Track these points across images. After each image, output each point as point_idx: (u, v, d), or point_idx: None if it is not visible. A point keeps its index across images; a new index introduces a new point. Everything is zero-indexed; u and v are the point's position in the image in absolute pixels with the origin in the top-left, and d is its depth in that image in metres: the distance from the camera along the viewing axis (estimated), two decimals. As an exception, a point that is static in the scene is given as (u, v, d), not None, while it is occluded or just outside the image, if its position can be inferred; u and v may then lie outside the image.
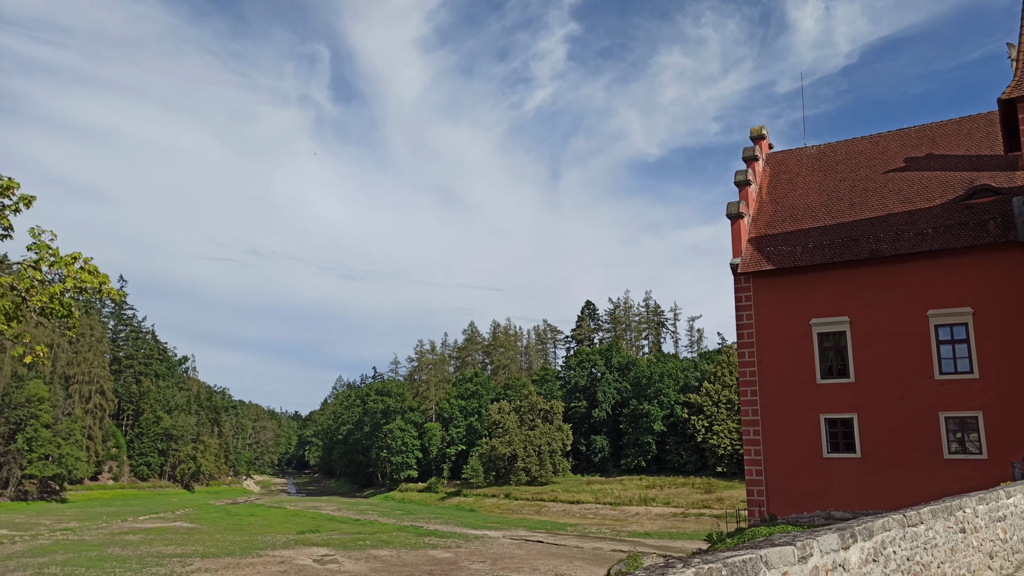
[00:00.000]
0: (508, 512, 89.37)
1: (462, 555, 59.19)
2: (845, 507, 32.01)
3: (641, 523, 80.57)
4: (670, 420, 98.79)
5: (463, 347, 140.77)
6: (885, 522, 7.44)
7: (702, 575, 4.80)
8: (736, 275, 36.38)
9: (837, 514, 32.05)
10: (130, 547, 57.47)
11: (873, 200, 35.49)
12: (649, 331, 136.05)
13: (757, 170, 40.09)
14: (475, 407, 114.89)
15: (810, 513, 32.90)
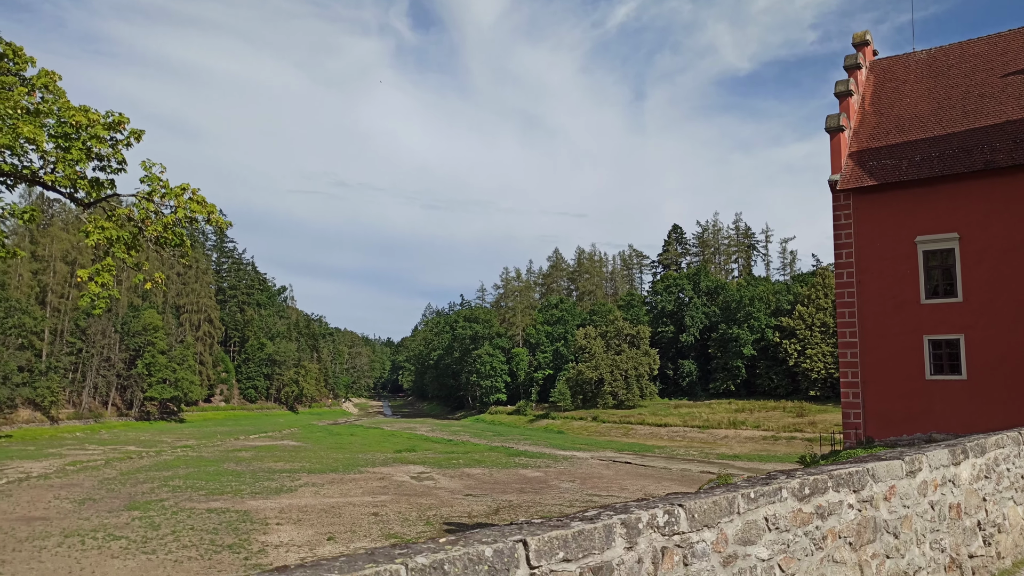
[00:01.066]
0: (596, 434, 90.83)
1: (551, 474, 60.81)
2: (947, 430, 30.92)
3: (730, 446, 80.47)
4: (760, 344, 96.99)
5: (548, 274, 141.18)
6: (999, 439, 7.15)
7: (807, 484, 4.76)
8: (835, 192, 34.69)
9: (939, 436, 31.03)
10: (243, 463, 61.96)
11: (989, 107, 32.78)
12: (739, 254, 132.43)
13: (860, 79, 37.58)
14: (561, 333, 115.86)
15: (909, 436, 31.99)
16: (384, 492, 49.69)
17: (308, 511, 42.25)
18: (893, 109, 36.01)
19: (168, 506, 41.60)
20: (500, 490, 52.37)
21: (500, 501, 45.67)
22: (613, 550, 3.57)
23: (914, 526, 5.66)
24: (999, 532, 6.83)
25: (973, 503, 6.49)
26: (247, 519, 39.30)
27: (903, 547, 5.49)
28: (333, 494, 47.91)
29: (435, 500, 46.55)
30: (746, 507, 4.28)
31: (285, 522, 38.83)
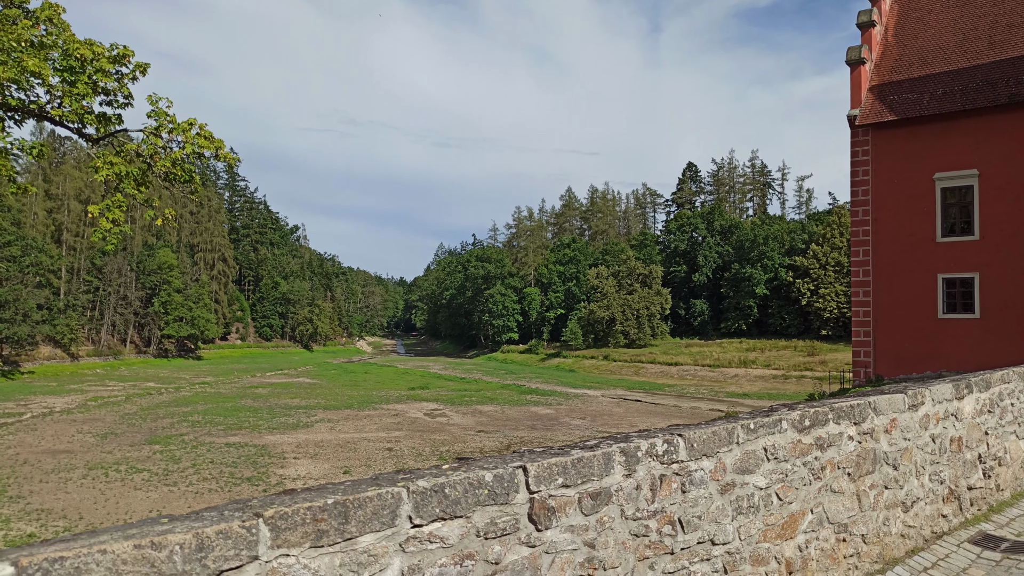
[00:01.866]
0: (607, 373, 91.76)
1: (562, 412, 61.71)
2: (958, 368, 30.98)
3: (740, 384, 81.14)
4: (773, 284, 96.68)
5: (560, 213, 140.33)
6: (1004, 374, 7.15)
7: (807, 416, 4.81)
8: (853, 127, 33.97)
9: (948, 375, 31.16)
10: (260, 399, 63.28)
11: (1018, 37, 31.70)
12: (754, 193, 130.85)
13: (883, 9, 36.34)
14: (573, 272, 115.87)
15: (919, 374, 32.10)
16: (398, 428, 50.71)
17: (324, 446, 43.27)
18: (917, 40, 34.92)
19: (188, 440, 42.72)
20: (512, 427, 53.33)
21: (512, 437, 46.54)
22: (612, 477, 3.64)
23: (914, 458, 5.72)
24: (1000, 465, 6.90)
25: (975, 437, 6.54)
26: (265, 453, 40.33)
27: (902, 478, 5.57)
28: (348, 430, 48.97)
29: (448, 436, 47.49)
30: (745, 437, 4.33)
31: (302, 456, 39.83)
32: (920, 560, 5.47)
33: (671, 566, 3.84)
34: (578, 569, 3.45)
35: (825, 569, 4.82)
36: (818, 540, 4.77)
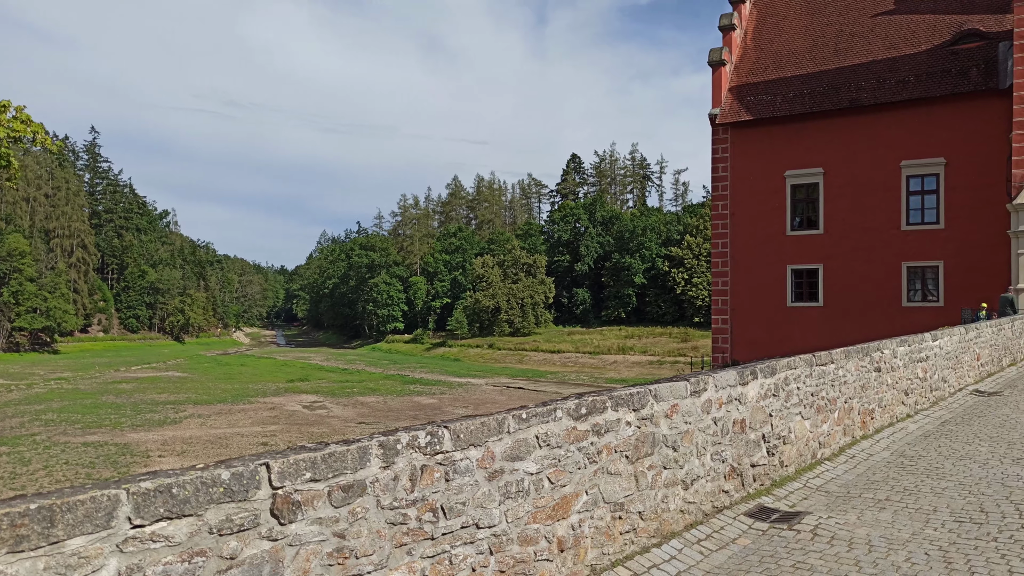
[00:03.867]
0: (491, 361, 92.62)
1: (446, 401, 61.86)
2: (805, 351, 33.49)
3: (619, 370, 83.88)
4: (651, 273, 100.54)
5: (447, 202, 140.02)
6: (791, 361, 7.85)
7: (584, 405, 5.12)
8: (714, 126, 35.82)
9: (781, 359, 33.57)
10: (124, 395, 59.66)
11: (859, 46, 34.38)
12: (635, 185, 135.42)
13: (744, 14, 38.43)
14: (459, 261, 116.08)
15: (770, 358, 34.46)
16: (275, 422, 49.25)
17: (193, 442, 41.43)
18: (772, 45, 37.17)
19: (40, 441, 39.79)
20: (393, 417, 52.97)
21: (393, 428, 46.23)
22: (368, 469, 3.78)
23: (695, 440, 6.21)
24: (784, 444, 7.58)
25: (759, 419, 7.15)
26: (127, 452, 38.17)
27: (682, 459, 6.03)
28: (220, 425, 47.07)
29: (327, 429, 46.59)
30: (516, 427, 4.58)
31: (168, 454, 37.98)
32: (696, 533, 5.95)
33: (431, 550, 4.03)
34: (326, 559, 3.57)
35: (600, 545, 5.17)
36: (592, 519, 5.11)
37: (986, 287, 28.81)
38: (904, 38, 33.20)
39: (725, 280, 35.54)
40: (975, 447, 9.07)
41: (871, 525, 6.18)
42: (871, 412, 9.84)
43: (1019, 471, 7.84)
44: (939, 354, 12.59)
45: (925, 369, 11.87)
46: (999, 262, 28.40)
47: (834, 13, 36.56)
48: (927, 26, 33.04)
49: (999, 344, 16.81)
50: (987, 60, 30.08)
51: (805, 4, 37.89)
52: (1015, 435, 9.74)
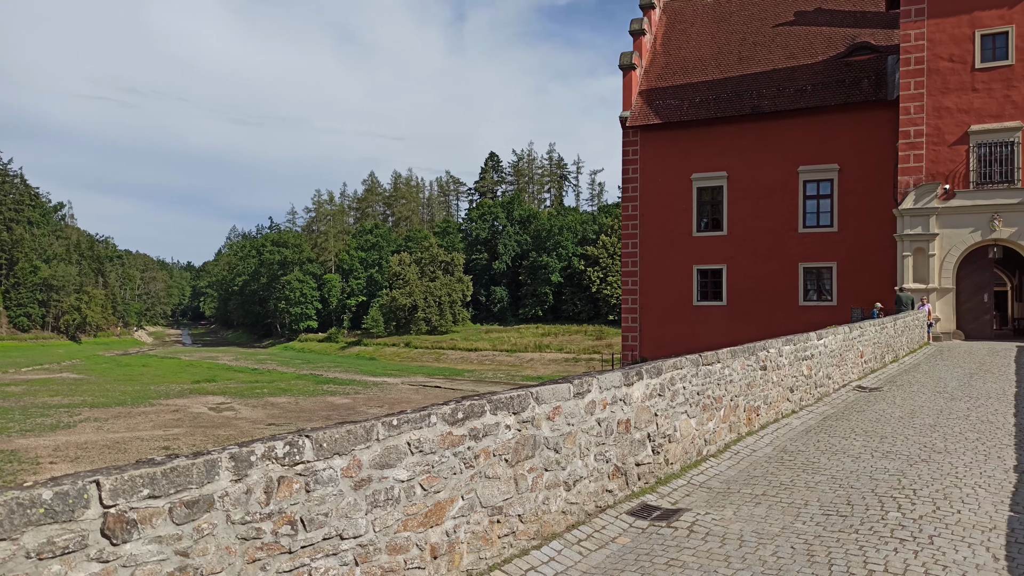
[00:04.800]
0: (408, 360, 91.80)
1: (360, 400, 60.86)
2: (710, 348, 34.62)
3: (535, 368, 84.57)
4: (567, 271, 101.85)
5: (363, 198, 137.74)
6: (677, 361, 8.03)
7: (461, 410, 5.07)
8: (625, 128, 36.54)
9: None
10: (12, 398, 56.00)
11: (761, 54, 35.74)
12: (552, 184, 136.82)
13: (654, 19, 39.33)
14: (375, 259, 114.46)
15: (676, 356, 35.47)
16: (178, 425, 47.23)
17: (88, 448, 39.25)
18: (681, 51, 38.20)
19: (-88, 450, 36.88)
20: (305, 418, 51.69)
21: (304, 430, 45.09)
22: (216, 483, 3.60)
23: (578, 441, 6.25)
24: (669, 442, 7.75)
25: (644, 418, 7.28)
26: (15, 459, 35.80)
27: (564, 460, 6.07)
28: (119, 428, 44.78)
29: (234, 431, 45.00)
30: (386, 434, 4.48)
31: (60, 460, 35.82)
32: (578, 533, 5.99)
33: (288, 564, 3.89)
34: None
35: (477, 550, 5.13)
36: (469, 524, 5.06)
37: (876, 287, 30.50)
38: (802, 49, 34.73)
39: (635, 279, 36.33)
40: (850, 441, 9.54)
41: (745, 520, 6.38)
42: (757, 409, 10.20)
43: (886, 464, 8.28)
44: (824, 352, 13.20)
45: (810, 367, 12.42)
46: (887, 263, 30.11)
47: (738, 22, 37.90)
48: (823, 38, 34.67)
49: (882, 342, 17.79)
50: (877, 72, 31.82)
51: (712, 12, 39.12)
52: (887, 429, 10.30)
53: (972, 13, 27.19)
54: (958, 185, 27.29)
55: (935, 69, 27.68)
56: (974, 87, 27.20)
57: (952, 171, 27.36)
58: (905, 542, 5.70)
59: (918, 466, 8.16)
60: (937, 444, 9.28)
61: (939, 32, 27.58)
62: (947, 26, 27.48)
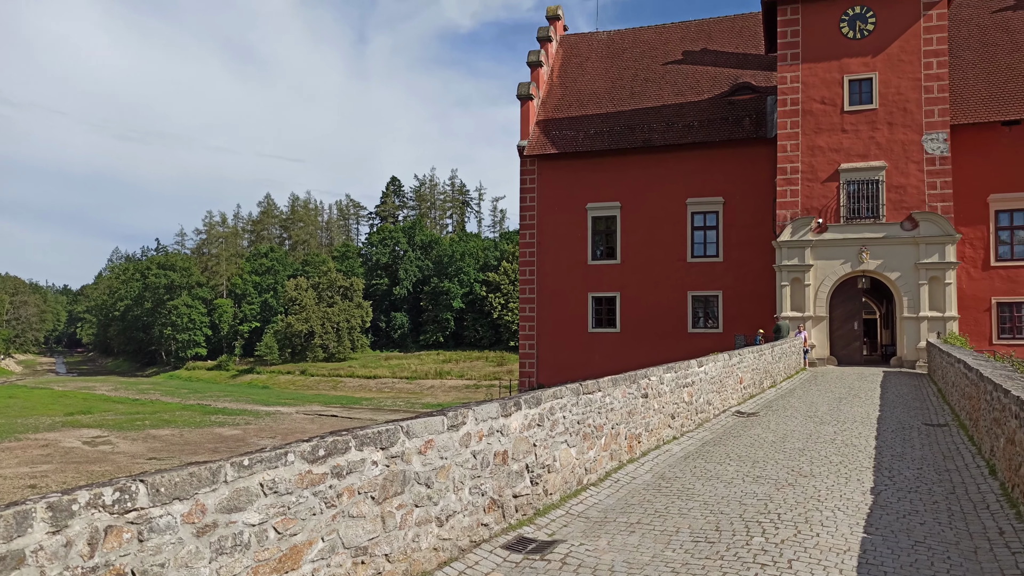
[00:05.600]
0: (303, 388, 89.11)
1: (251, 432, 58.36)
2: (604, 374, 35.31)
3: (435, 395, 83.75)
4: (469, 297, 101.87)
5: (258, 220, 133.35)
6: (557, 391, 8.06)
7: (322, 447, 4.86)
8: (522, 157, 37.11)
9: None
10: None
11: (651, 90, 37.21)
12: (454, 210, 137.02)
13: (550, 52, 40.32)
14: (271, 283, 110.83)
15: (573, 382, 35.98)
16: (47, 460, 43.74)
17: (-65, 490, 35.72)
18: (576, 83, 39.29)
19: None
20: (190, 451, 48.98)
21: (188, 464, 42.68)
22: (30, 536, 3.26)
23: (452, 475, 6.13)
24: (549, 472, 7.74)
25: (522, 449, 7.25)
26: None
27: (437, 495, 5.93)
28: (-25, 467, 41.04)
29: (111, 467, 42.09)
30: (236, 475, 4.22)
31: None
32: (450, 570, 5.85)
33: (115, 624, 3.56)
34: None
35: (338, 595, 4.90)
36: (329, 567, 4.83)
37: (759, 314, 32.01)
38: (690, 86, 36.42)
39: (532, 306, 36.70)
40: (725, 467, 9.85)
41: (618, 550, 6.41)
42: (638, 436, 10.39)
43: (756, 489, 8.58)
44: (704, 379, 13.65)
45: (691, 393, 12.80)
46: (769, 292, 31.70)
47: (631, 59, 39.40)
48: (709, 77, 36.50)
49: (760, 368, 18.62)
50: (758, 111, 33.73)
51: (606, 48, 40.51)
52: (760, 454, 10.71)
53: (841, 60, 29.33)
54: (830, 219, 29.15)
55: (809, 110, 29.61)
56: (843, 128, 29.25)
57: (825, 206, 29.22)
58: (766, 567, 5.88)
59: (784, 490, 8.50)
60: (804, 468, 9.71)
61: (812, 76, 29.57)
62: (819, 71, 29.51)
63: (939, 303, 27.65)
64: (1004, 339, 29.77)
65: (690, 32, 39.24)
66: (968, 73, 31.44)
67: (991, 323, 29.98)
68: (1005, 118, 29.82)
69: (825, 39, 29.42)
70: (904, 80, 28.51)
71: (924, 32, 28.34)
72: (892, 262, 28.19)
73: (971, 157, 29.87)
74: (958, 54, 32.03)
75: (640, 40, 40.18)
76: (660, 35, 39.96)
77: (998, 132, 30.12)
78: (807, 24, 29.58)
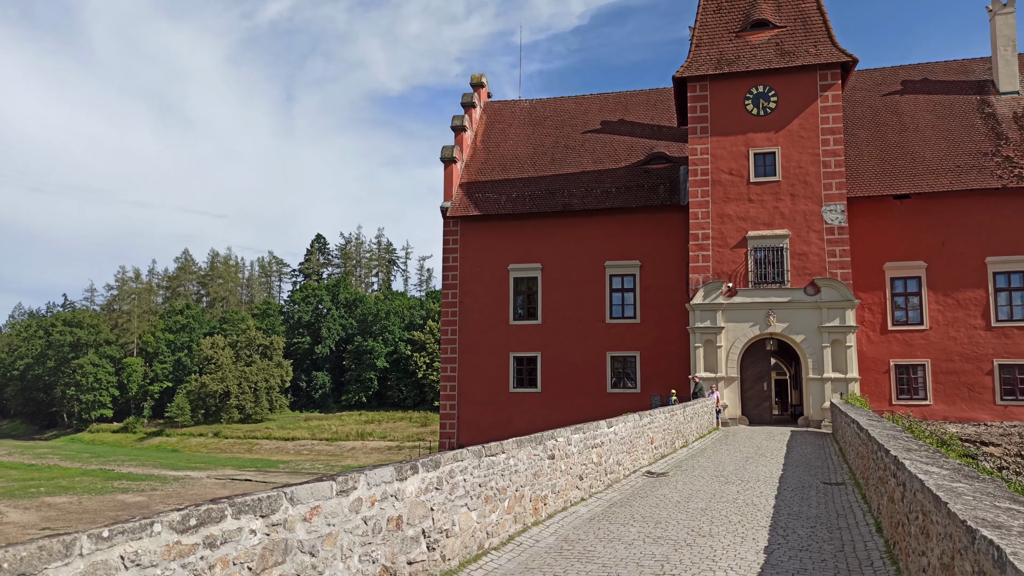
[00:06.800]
0: (216, 451, 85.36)
1: (157, 498, 55.35)
2: (525, 434, 35.20)
3: (356, 457, 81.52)
4: (393, 356, 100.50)
5: (175, 276, 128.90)
6: (458, 453, 8.03)
7: (194, 515, 4.69)
8: (445, 218, 37.47)
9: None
10: None
11: (571, 157, 38.42)
12: (380, 268, 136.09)
13: (474, 117, 41.28)
14: (185, 341, 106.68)
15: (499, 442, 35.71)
16: (-78, 534, 40.21)
17: None
18: (499, 148, 40.22)
19: None
20: (88, 520, 45.91)
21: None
22: None
23: (340, 542, 5.98)
24: (447, 537, 7.64)
25: (419, 513, 7.15)
26: None
27: (322, 564, 5.76)
28: None
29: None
30: (93, 547, 4.02)
31: None
32: (333, 644, 5.64)
33: None
34: None
35: (206, 675, 4.65)
36: (198, 645, 4.61)
37: (675, 375, 32.73)
38: (608, 154, 37.80)
39: (454, 366, 36.52)
40: (628, 528, 9.92)
41: (511, 617, 6.33)
42: (544, 499, 10.38)
43: (655, 550, 8.67)
44: (614, 439, 13.81)
45: (600, 454, 12.92)
46: (684, 353, 32.52)
47: (552, 127, 40.71)
48: (626, 146, 38.00)
49: (672, 428, 18.97)
50: (671, 180, 35.21)
51: (528, 116, 41.76)
52: (663, 514, 10.84)
53: (746, 134, 31.10)
54: (740, 284, 30.38)
55: (718, 180, 31.11)
56: (750, 198, 30.80)
57: (734, 271, 30.47)
58: (654, 629, 5.91)
59: (682, 551, 8.61)
60: (704, 528, 9.88)
61: (720, 148, 31.19)
62: (727, 144, 31.17)
63: (841, 365, 28.95)
64: (902, 399, 31.31)
65: (608, 103, 40.93)
66: (863, 150, 33.80)
67: (890, 384, 31.54)
68: (896, 192, 32.06)
69: (732, 115, 31.20)
70: (804, 155, 30.39)
71: (821, 111, 30.43)
72: (797, 325, 29.48)
73: (867, 227, 31.88)
74: (853, 132, 34.45)
75: (561, 109, 41.63)
76: (580, 105, 41.52)
77: (891, 205, 32.31)
78: (715, 100, 31.36)
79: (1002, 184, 30.91)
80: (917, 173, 32.36)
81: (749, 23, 32.10)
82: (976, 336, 30.99)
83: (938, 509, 5.08)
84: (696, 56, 32.16)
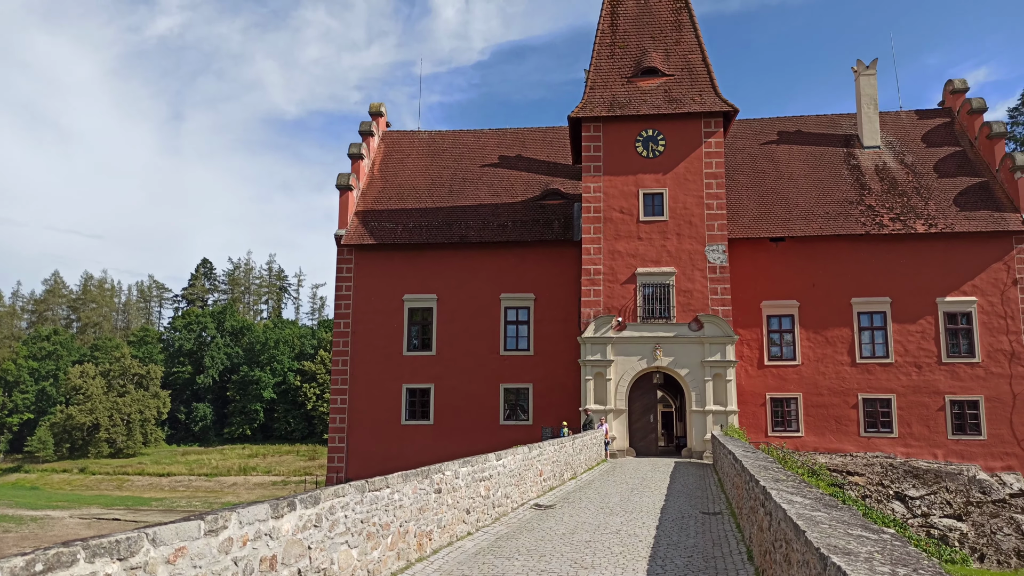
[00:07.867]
0: (82, 488, 79.23)
1: (11, 541, 50.67)
2: (417, 466, 34.63)
3: (238, 493, 77.68)
4: (282, 387, 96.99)
5: (42, 300, 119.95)
6: (339, 489, 7.82)
7: (40, 560, 4.35)
8: (340, 246, 36.82)
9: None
10: None
11: (469, 190, 38.75)
12: (270, 296, 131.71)
13: (372, 146, 41.00)
14: (51, 369, 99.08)
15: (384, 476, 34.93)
16: None
17: None
18: (397, 178, 40.05)
19: None
20: (-77, 568, 41.25)
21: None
22: None
23: (206, 585, 5.68)
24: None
25: (295, 552, 6.89)
26: None
27: (186, 609, 5.44)
28: None
29: None
30: (-83, 600, 3.65)
31: None
32: None
33: None
34: None
35: None
36: None
37: (567, 407, 33.22)
38: (505, 188, 38.38)
39: (344, 397, 35.64)
40: (512, 562, 9.91)
41: (388, 658, 6.18)
42: (429, 534, 10.23)
43: (538, 583, 8.70)
44: (503, 472, 13.83)
45: (488, 487, 12.89)
46: (576, 385, 33.09)
47: (450, 159, 40.99)
48: (523, 181, 38.72)
49: (561, 460, 19.19)
50: (565, 216, 36.10)
51: (427, 147, 41.90)
52: (548, 547, 10.92)
53: (637, 175, 32.39)
54: (629, 318, 31.35)
55: (609, 218, 32.16)
56: (639, 236, 31.99)
57: (624, 306, 31.43)
58: (532, 664, 5.90)
59: (565, 583, 8.68)
60: (587, 560, 10.01)
61: (612, 187, 32.32)
62: (618, 183, 32.34)
63: (722, 398, 30.27)
64: (777, 431, 33.02)
65: (506, 139, 41.68)
66: (743, 194, 35.88)
67: (766, 416, 33.21)
68: (773, 235, 34.15)
69: (623, 156, 32.45)
70: (689, 196, 31.94)
71: (705, 156, 32.15)
72: (682, 359, 30.66)
73: (746, 267, 33.73)
74: (734, 177, 36.54)
75: (460, 142, 42.02)
76: (478, 139, 42.07)
77: (768, 247, 34.36)
78: (608, 141, 32.56)
79: (865, 231, 33.52)
80: (791, 217, 34.62)
81: (640, 69, 33.65)
82: (843, 372, 33.20)
83: (798, 537, 5.38)
84: (590, 98, 33.35)
